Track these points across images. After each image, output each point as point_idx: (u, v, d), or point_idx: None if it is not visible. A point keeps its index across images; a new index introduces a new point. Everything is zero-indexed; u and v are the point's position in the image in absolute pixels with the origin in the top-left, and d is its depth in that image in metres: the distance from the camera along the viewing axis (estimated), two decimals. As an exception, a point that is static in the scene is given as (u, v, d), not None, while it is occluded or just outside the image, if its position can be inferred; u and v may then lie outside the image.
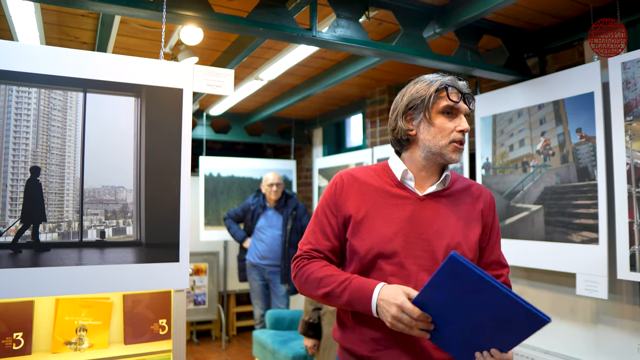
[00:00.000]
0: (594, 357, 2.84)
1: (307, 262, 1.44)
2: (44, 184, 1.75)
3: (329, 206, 1.48)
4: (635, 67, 2.41)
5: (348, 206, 1.44)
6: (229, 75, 2.06)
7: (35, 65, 1.75)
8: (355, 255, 1.42)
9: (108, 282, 1.81)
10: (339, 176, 1.51)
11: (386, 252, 1.38)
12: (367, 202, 1.44)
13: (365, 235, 1.40)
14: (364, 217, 1.42)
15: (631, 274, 2.40)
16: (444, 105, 1.40)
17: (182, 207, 1.94)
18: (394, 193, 1.45)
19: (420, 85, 1.43)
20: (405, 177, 1.46)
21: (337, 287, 1.35)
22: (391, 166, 1.51)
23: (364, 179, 1.48)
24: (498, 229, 1.57)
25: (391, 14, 2.69)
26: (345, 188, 1.47)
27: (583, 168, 2.70)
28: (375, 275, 1.39)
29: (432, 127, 1.41)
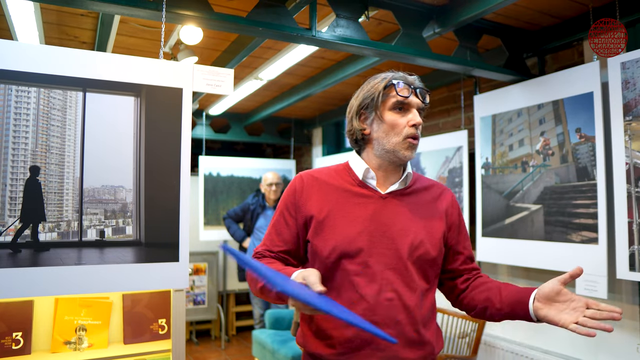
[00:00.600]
0: (593, 356, 2.84)
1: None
2: (43, 184, 1.75)
3: (287, 208, 1.46)
4: (634, 67, 2.41)
5: (309, 207, 1.42)
6: (229, 74, 2.06)
7: (35, 65, 1.74)
8: (317, 256, 1.40)
9: (107, 282, 1.81)
10: (298, 177, 1.49)
11: (350, 252, 1.36)
12: (329, 201, 1.42)
13: (328, 235, 1.38)
14: (326, 217, 1.40)
15: (630, 273, 2.40)
16: (393, 101, 1.39)
17: (182, 206, 1.94)
18: (356, 192, 1.43)
19: (372, 84, 1.44)
20: (367, 176, 1.44)
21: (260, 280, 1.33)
22: (352, 166, 1.49)
23: (324, 179, 1.46)
24: (465, 226, 1.57)
25: (391, 13, 2.69)
26: (306, 188, 1.45)
27: (582, 168, 2.70)
28: (340, 275, 1.37)
29: (384, 125, 1.40)
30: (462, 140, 3.53)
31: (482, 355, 3.37)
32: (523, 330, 3.28)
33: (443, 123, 4.04)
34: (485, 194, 3.29)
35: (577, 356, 2.92)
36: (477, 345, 3.19)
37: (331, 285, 1.37)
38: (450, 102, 3.97)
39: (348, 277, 1.35)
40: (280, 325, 4.16)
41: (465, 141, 3.51)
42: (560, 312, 1.29)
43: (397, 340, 1.12)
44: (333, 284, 1.37)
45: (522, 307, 1.34)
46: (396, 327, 1.34)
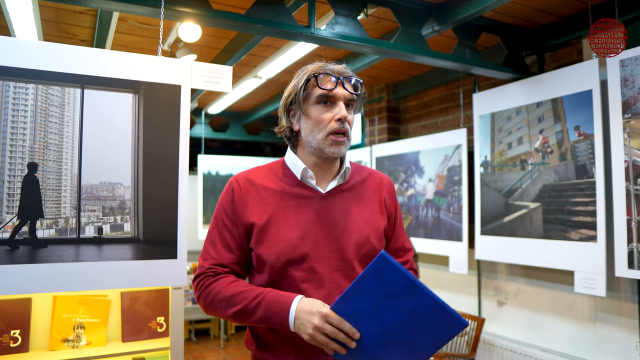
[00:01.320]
0: (592, 354, 2.84)
1: (212, 281, 1.30)
2: (41, 180, 1.75)
3: (227, 215, 1.35)
4: (633, 64, 2.41)
5: (248, 214, 1.33)
6: (227, 71, 2.06)
7: (33, 61, 1.74)
8: (264, 264, 1.31)
9: (105, 279, 1.81)
10: (234, 181, 1.38)
11: (295, 258, 1.29)
12: (269, 206, 1.33)
13: (271, 243, 1.30)
14: (267, 223, 1.31)
15: (629, 271, 2.40)
16: (316, 95, 1.30)
17: (180, 203, 1.94)
18: (295, 193, 1.35)
19: (296, 78, 1.36)
20: (306, 175, 1.36)
21: (249, 304, 1.22)
22: (289, 164, 1.41)
23: (261, 182, 1.37)
24: (400, 214, 1.52)
25: (389, 11, 2.68)
26: (243, 195, 1.35)
27: (581, 166, 2.70)
28: (286, 283, 1.29)
29: (309, 120, 1.32)
30: (461, 139, 3.53)
31: (481, 353, 3.37)
32: (521, 329, 3.28)
33: (442, 121, 4.04)
34: (484, 192, 3.29)
35: (575, 354, 2.92)
36: (476, 343, 3.19)
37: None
38: (449, 100, 3.97)
39: (295, 284, 1.28)
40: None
41: (464, 139, 3.51)
42: None
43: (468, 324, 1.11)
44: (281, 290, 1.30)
45: None
46: None
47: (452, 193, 3.59)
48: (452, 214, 3.58)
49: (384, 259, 1.07)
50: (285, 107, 1.37)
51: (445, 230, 3.63)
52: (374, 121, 4.61)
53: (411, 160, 3.93)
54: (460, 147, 3.54)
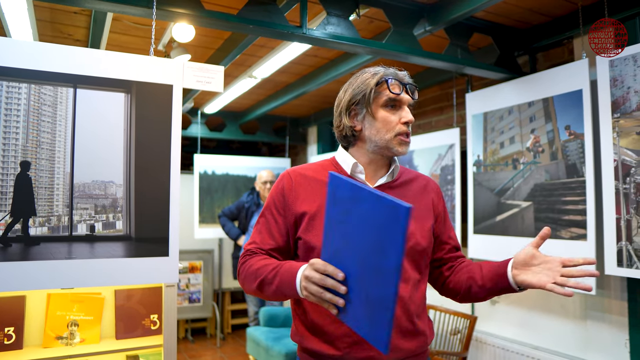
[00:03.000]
0: (582, 352, 2.87)
1: (248, 258, 1.41)
2: (34, 179, 1.77)
3: (276, 206, 1.44)
4: (622, 65, 2.43)
5: (299, 204, 1.41)
6: (219, 71, 2.08)
7: (26, 61, 1.76)
8: (311, 251, 1.37)
9: (98, 276, 1.83)
10: (286, 175, 1.47)
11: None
12: (319, 197, 1.40)
13: (319, 231, 1.36)
14: (316, 212, 1.38)
15: (618, 269, 2.43)
16: (385, 98, 1.39)
17: (172, 201, 1.96)
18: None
19: (361, 79, 1.42)
20: (356, 170, 1.44)
21: (269, 274, 1.30)
22: (339, 161, 1.48)
23: (312, 175, 1.45)
24: (448, 216, 1.59)
25: (382, 11, 2.71)
26: (294, 186, 1.43)
27: (572, 165, 2.72)
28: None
29: (376, 122, 1.40)
30: (455, 138, 3.56)
31: (473, 351, 3.40)
32: (513, 327, 3.30)
33: (436, 121, 4.07)
34: (477, 191, 3.32)
35: (566, 351, 2.95)
36: (468, 341, 3.21)
37: None
38: (443, 100, 4.00)
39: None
40: (275, 323, 4.18)
41: (457, 139, 3.54)
42: (537, 274, 1.30)
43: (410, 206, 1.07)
44: None
45: (502, 278, 1.35)
46: (399, 321, 1.35)
47: (445, 192, 3.61)
48: (445, 213, 3.60)
49: (331, 176, 1.11)
50: (347, 108, 1.43)
51: (439, 229, 3.65)
52: (369, 121, 4.62)
53: (405, 160, 3.95)
54: (454, 146, 3.56)
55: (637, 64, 2.37)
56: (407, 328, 1.36)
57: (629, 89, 2.40)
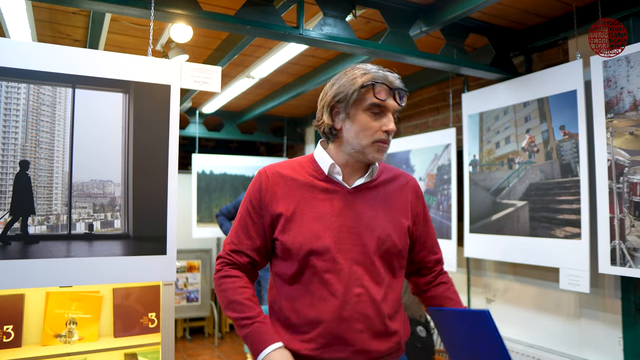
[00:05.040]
0: (577, 350, 2.89)
1: (226, 274, 1.43)
2: (33, 178, 1.79)
3: (252, 205, 1.42)
4: (615, 65, 2.46)
5: (275, 204, 1.39)
6: (216, 72, 2.10)
7: (25, 61, 1.78)
8: (288, 253, 1.38)
9: (96, 274, 1.85)
10: (263, 173, 1.44)
11: (318, 249, 1.35)
12: (295, 198, 1.39)
13: (296, 233, 1.36)
14: (293, 213, 1.37)
15: (612, 268, 2.46)
16: (369, 103, 1.34)
17: (170, 200, 1.98)
18: (321, 187, 1.40)
19: (349, 77, 1.36)
20: (333, 171, 1.41)
21: (241, 320, 1.36)
22: (317, 159, 1.45)
23: (289, 174, 1.42)
24: (429, 217, 1.57)
25: (378, 12, 2.73)
26: (271, 185, 1.41)
27: (566, 164, 2.75)
28: (309, 272, 1.36)
29: (355, 125, 1.35)
30: (451, 138, 3.58)
31: (469, 349, 3.42)
32: (509, 325, 3.33)
33: (432, 121, 4.09)
34: (473, 191, 3.34)
35: (560, 349, 2.97)
36: (464, 339, 3.23)
37: (301, 280, 1.37)
38: (439, 100, 4.02)
39: (317, 274, 1.35)
40: (272, 321, 4.19)
41: (453, 139, 3.56)
42: None
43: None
44: (303, 280, 1.37)
45: None
46: (365, 321, 1.36)
47: (441, 192, 3.64)
48: (441, 212, 3.63)
49: (486, 316, 1.33)
50: (329, 104, 1.39)
51: (435, 228, 3.67)
52: (366, 121, 4.64)
53: (402, 159, 3.98)
54: (450, 146, 3.59)
55: (630, 65, 2.40)
56: (379, 330, 1.38)
57: (622, 90, 2.42)
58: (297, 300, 1.38)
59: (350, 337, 1.34)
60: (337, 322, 1.34)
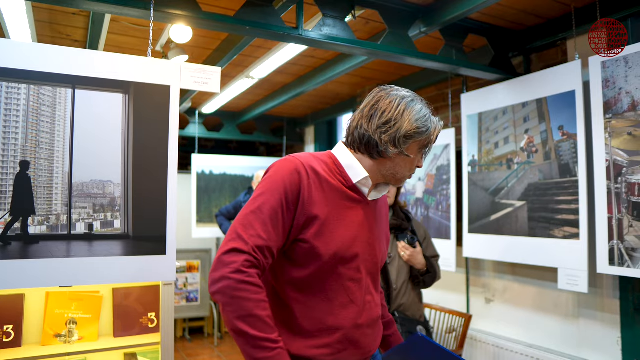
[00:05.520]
0: (576, 350, 2.90)
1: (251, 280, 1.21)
2: (33, 178, 1.79)
3: (287, 199, 1.29)
4: (614, 66, 2.46)
5: (312, 204, 1.32)
6: (216, 72, 2.11)
7: (25, 62, 1.78)
8: (315, 258, 1.31)
9: (96, 274, 1.85)
10: (301, 166, 1.33)
11: (347, 257, 1.35)
12: (330, 202, 1.35)
13: (328, 239, 1.32)
14: (327, 218, 1.33)
15: (610, 268, 2.46)
16: (424, 144, 1.39)
17: (169, 200, 1.98)
18: (348, 195, 1.39)
19: (424, 120, 1.35)
20: (365, 183, 1.41)
21: (262, 340, 1.19)
22: (344, 164, 1.41)
23: (323, 174, 1.37)
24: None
25: (377, 13, 2.73)
26: (310, 184, 1.33)
27: (565, 165, 2.76)
28: (333, 279, 1.34)
29: (406, 159, 1.38)
30: (450, 138, 3.59)
31: (468, 349, 3.43)
32: (508, 325, 3.34)
33: (432, 121, 4.09)
34: (472, 191, 3.35)
35: (559, 349, 2.98)
36: (463, 339, 3.24)
37: (322, 287, 1.34)
38: (439, 100, 4.03)
39: (341, 282, 1.35)
40: (272, 321, 4.20)
41: (452, 139, 3.57)
42: None
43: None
44: (325, 286, 1.35)
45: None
46: (375, 325, 1.44)
47: (440, 192, 3.65)
48: (440, 212, 3.64)
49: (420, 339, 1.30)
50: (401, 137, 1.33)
51: (434, 228, 3.69)
52: (366, 121, 4.65)
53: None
54: (449, 146, 3.59)
55: (628, 66, 2.41)
56: (379, 332, 1.50)
57: (621, 90, 2.43)
58: (312, 306, 1.34)
59: (363, 342, 1.40)
60: (354, 328, 1.37)
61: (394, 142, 1.33)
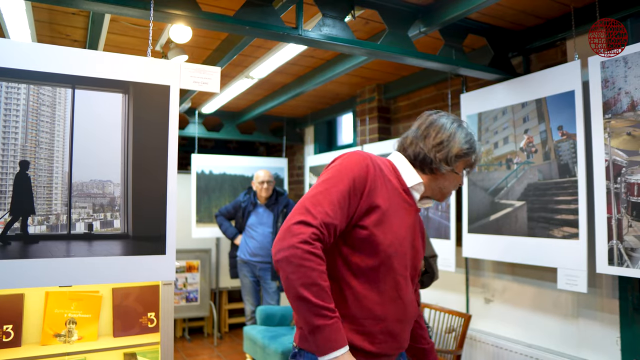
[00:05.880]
0: (575, 349, 2.91)
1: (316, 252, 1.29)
2: (32, 178, 1.80)
3: (355, 185, 1.39)
4: (613, 66, 2.47)
5: (376, 195, 1.42)
6: (216, 72, 2.11)
7: (25, 62, 1.78)
8: (373, 246, 1.41)
9: (95, 274, 1.85)
10: (369, 159, 1.45)
11: (400, 252, 1.46)
12: (389, 197, 1.46)
13: (387, 230, 1.42)
14: (386, 210, 1.43)
15: (609, 267, 2.47)
16: (469, 165, 1.57)
17: (169, 200, 1.98)
18: (403, 197, 1.51)
19: (471, 142, 1.54)
20: (418, 189, 1.54)
21: (322, 309, 1.27)
22: (400, 170, 1.54)
23: (386, 173, 1.49)
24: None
25: (376, 13, 2.74)
26: (377, 176, 1.45)
27: (564, 165, 2.76)
28: (384, 271, 1.43)
29: (455, 177, 1.56)
30: (449, 138, 3.58)
31: (467, 349, 3.43)
32: (507, 325, 3.34)
33: (431, 121, 4.10)
34: (471, 191, 3.35)
35: (559, 349, 2.98)
36: (462, 339, 3.24)
37: (376, 277, 1.43)
38: (439, 100, 4.03)
39: (393, 275, 1.45)
40: (271, 322, 4.21)
41: (452, 139, 3.56)
42: None
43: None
44: (378, 277, 1.43)
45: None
46: (411, 323, 1.56)
47: (440, 192, 3.65)
48: (440, 212, 3.64)
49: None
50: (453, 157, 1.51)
51: (434, 228, 3.69)
52: (365, 121, 4.66)
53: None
54: (449, 146, 3.59)
55: (627, 66, 2.41)
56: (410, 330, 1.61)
57: (620, 90, 2.43)
58: (363, 294, 1.42)
59: (401, 337, 1.50)
60: (397, 322, 1.47)
61: (447, 160, 1.50)
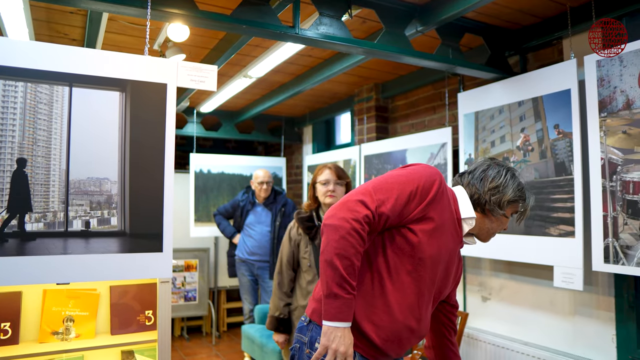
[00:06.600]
0: (571, 347, 2.92)
1: (363, 233, 1.41)
2: (30, 175, 1.80)
3: (418, 191, 1.49)
4: (609, 65, 2.48)
5: (433, 209, 1.51)
6: (212, 70, 2.12)
7: (22, 60, 1.79)
8: (417, 252, 1.50)
9: (93, 271, 1.86)
10: (440, 177, 1.55)
11: (434, 268, 1.55)
12: (445, 217, 1.55)
13: (433, 241, 1.51)
14: (438, 226, 1.52)
15: (605, 265, 2.48)
16: (515, 212, 1.66)
17: (166, 198, 1.99)
18: (455, 225, 1.60)
19: (520, 190, 1.62)
20: (469, 222, 1.61)
21: (346, 283, 1.39)
22: (459, 200, 1.63)
23: (447, 196, 1.57)
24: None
25: (373, 12, 2.75)
26: (440, 193, 1.53)
27: (560, 163, 2.77)
28: (416, 278, 1.52)
29: (503, 220, 1.65)
30: (447, 137, 3.60)
31: (464, 347, 3.44)
32: (504, 323, 3.35)
33: (429, 120, 4.11)
34: (468, 190, 3.35)
35: (555, 347, 2.99)
36: (459, 337, 3.25)
37: (405, 279, 1.52)
38: (436, 99, 4.04)
39: (420, 285, 1.53)
40: (269, 320, 4.21)
41: (449, 138, 3.58)
42: None
43: None
44: (407, 280, 1.52)
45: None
46: (418, 338, 1.61)
47: (437, 190, 3.65)
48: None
49: None
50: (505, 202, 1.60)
51: (431, 227, 3.69)
52: (363, 120, 4.67)
53: (398, 159, 4.00)
54: (446, 145, 3.61)
55: (623, 65, 2.42)
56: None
57: (616, 89, 2.45)
58: (388, 290, 1.51)
59: (405, 345, 1.57)
60: (407, 330, 1.54)
61: (499, 204, 1.59)
